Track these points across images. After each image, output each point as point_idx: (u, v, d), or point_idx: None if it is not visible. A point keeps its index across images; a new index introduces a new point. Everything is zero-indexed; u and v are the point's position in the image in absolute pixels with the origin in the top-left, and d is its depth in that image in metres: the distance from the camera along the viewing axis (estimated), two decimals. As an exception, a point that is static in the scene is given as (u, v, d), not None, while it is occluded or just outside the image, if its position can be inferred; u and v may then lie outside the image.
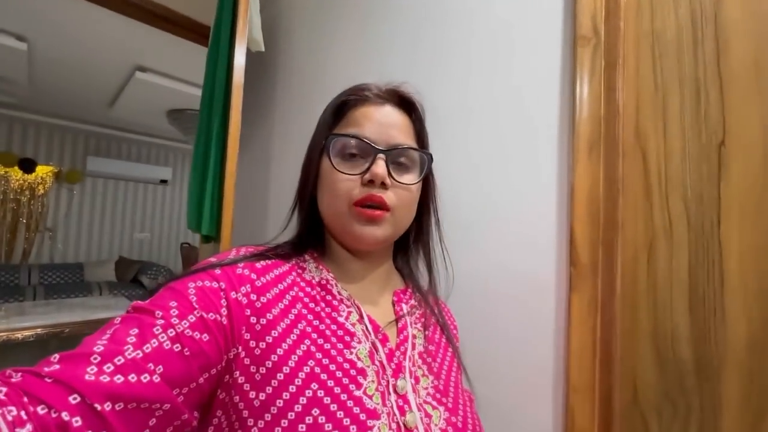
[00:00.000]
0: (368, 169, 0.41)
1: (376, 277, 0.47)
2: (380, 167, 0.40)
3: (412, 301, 0.49)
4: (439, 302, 0.55)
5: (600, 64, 0.56)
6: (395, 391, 0.38)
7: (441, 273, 0.53)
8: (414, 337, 0.45)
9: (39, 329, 2.81)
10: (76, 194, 4.50)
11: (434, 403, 0.40)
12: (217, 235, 0.92)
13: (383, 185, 0.41)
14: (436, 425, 0.38)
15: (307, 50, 1.14)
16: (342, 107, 0.46)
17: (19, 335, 2.73)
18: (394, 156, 0.43)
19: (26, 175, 4.13)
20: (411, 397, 0.38)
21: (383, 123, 0.43)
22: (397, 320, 0.45)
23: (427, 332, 0.47)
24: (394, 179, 0.42)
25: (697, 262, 0.51)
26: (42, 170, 4.21)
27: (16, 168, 4.08)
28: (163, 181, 5.08)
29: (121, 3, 1.47)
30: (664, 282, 0.53)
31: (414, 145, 0.45)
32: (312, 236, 0.48)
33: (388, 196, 0.41)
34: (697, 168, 0.52)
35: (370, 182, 0.41)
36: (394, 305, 0.47)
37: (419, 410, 0.38)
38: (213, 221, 0.92)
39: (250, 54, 1.05)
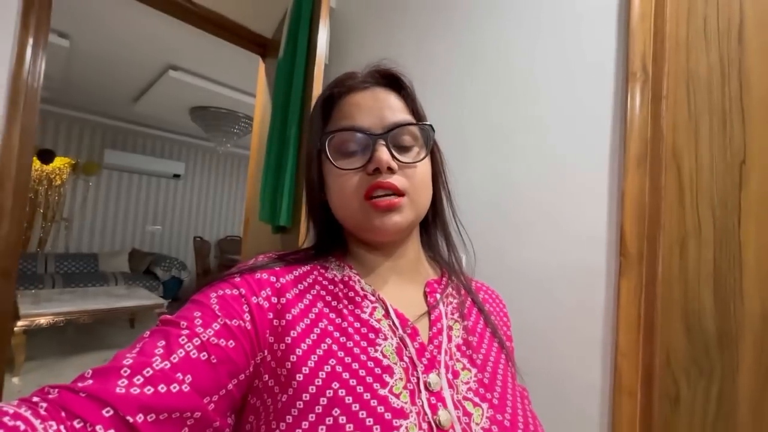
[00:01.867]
0: (371, 158, 0.39)
1: (404, 269, 0.45)
2: (382, 152, 0.38)
3: (449, 290, 0.46)
4: (485, 288, 0.53)
5: (648, 96, 0.70)
6: (427, 388, 0.35)
7: (460, 251, 0.50)
8: (450, 328, 0.41)
9: (62, 316, 2.92)
10: (92, 186, 4.59)
11: (476, 399, 0.36)
12: (293, 226, 1.05)
13: (390, 170, 0.39)
14: (477, 424, 0.34)
15: (364, 63, 1.27)
16: (328, 102, 0.44)
17: (42, 320, 2.84)
18: (394, 137, 0.40)
19: (44, 165, 4.23)
20: (446, 393, 0.36)
21: (374, 107, 0.41)
22: (429, 312, 0.42)
23: (466, 322, 0.44)
24: (399, 161, 0.40)
25: (720, 254, 0.65)
26: (60, 161, 4.30)
27: (34, 158, 4.18)
28: (176, 176, 5.19)
29: (182, 10, 1.59)
30: (694, 270, 0.67)
31: (411, 120, 0.42)
32: (332, 240, 0.46)
33: (398, 180, 0.39)
34: (722, 181, 0.66)
35: (376, 171, 0.39)
36: (426, 297, 0.44)
37: (456, 408, 0.35)
38: (289, 214, 1.05)
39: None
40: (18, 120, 1.13)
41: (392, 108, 0.41)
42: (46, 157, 4.20)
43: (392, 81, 0.44)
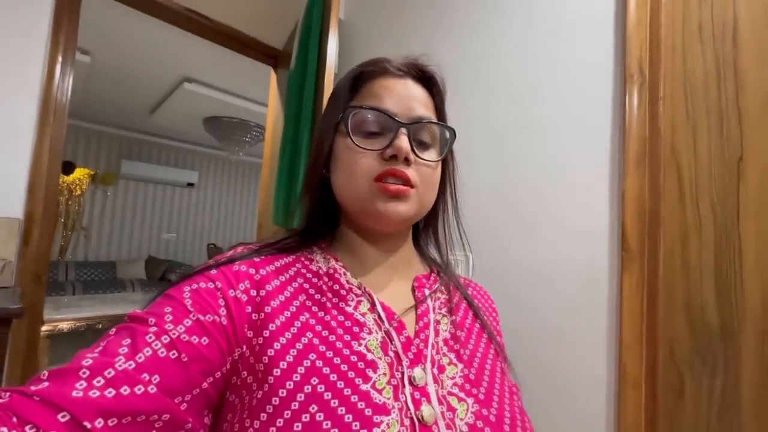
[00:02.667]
0: (391, 143, 0.38)
1: (394, 263, 0.44)
2: (404, 141, 0.38)
3: (437, 285, 0.45)
4: (473, 284, 0.54)
5: (645, 97, 0.73)
6: (411, 383, 0.34)
7: (461, 260, 0.52)
8: (438, 322, 0.41)
9: (83, 321, 3.02)
10: (110, 195, 4.74)
11: (461, 394, 0.36)
12: (306, 229, 1.10)
13: (406, 161, 0.38)
14: (461, 419, 0.34)
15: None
16: (359, 79, 0.43)
17: (64, 325, 2.94)
18: (417, 130, 0.40)
19: (65, 176, 4.39)
20: (431, 388, 0.35)
21: (404, 96, 0.40)
22: (416, 306, 0.41)
23: (454, 317, 0.43)
24: (417, 155, 0.39)
25: (721, 250, 0.67)
26: (80, 172, 4.46)
27: (57, 170, 4.34)
28: (190, 184, 5.32)
29: (198, 26, 1.67)
30: (696, 265, 0.69)
31: (435, 119, 0.42)
32: (321, 224, 0.45)
33: (411, 173, 0.39)
34: (721, 178, 0.68)
35: (393, 157, 0.38)
36: (414, 291, 0.43)
37: (441, 403, 0.34)
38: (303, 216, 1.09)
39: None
40: (48, 133, 1.21)
41: (421, 102, 0.41)
42: (67, 168, 4.35)
43: (427, 78, 0.44)
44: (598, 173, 0.77)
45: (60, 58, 1.23)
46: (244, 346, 0.33)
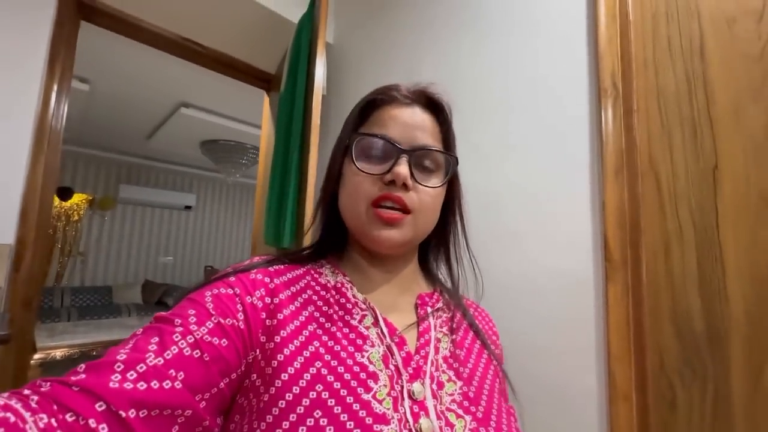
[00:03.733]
0: (390, 169, 0.40)
1: (398, 281, 0.46)
2: (403, 167, 0.40)
3: (439, 305, 0.47)
4: (475, 306, 0.55)
5: (620, 110, 0.75)
6: (410, 397, 0.36)
7: (470, 280, 0.53)
8: (438, 340, 0.43)
9: (76, 348, 2.97)
10: (107, 220, 4.75)
11: (459, 411, 0.37)
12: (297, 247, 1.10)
13: (405, 186, 0.40)
14: None
15: (358, 95, 1.36)
16: (368, 107, 0.46)
17: (57, 353, 2.89)
18: (418, 157, 0.42)
19: (63, 202, 4.41)
20: (430, 403, 0.36)
21: (409, 124, 0.43)
22: (418, 323, 0.43)
23: (454, 336, 0.45)
24: (416, 181, 0.41)
25: (703, 256, 0.68)
26: (78, 197, 4.48)
27: (54, 196, 4.36)
28: (188, 207, 5.34)
29: (193, 53, 1.72)
30: (679, 272, 0.69)
31: (440, 147, 0.44)
32: (332, 240, 0.48)
33: (410, 198, 0.41)
34: (698, 186, 0.70)
35: (392, 183, 0.40)
36: (417, 309, 0.45)
37: (439, 418, 0.35)
38: (293, 236, 1.10)
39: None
40: (42, 160, 1.23)
41: (426, 130, 0.43)
42: (65, 194, 4.38)
43: (434, 106, 0.46)
44: (579, 185, 0.78)
45: (56, 87, 1.26)
46: (258, 350, 0.35)
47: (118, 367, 0.28)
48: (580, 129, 0.79)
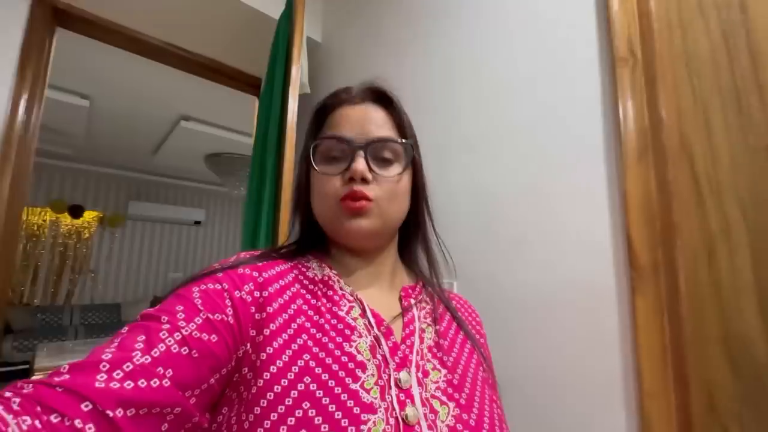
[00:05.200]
0: (348, 166, 0.41)
1: (381, 275, 0.47)
2: (359, 163, 0.41)
3: (422, 296, 0.48)
4: (458, 298, 0.55)
5: (640, 81, 0.60)
6: (397, 385, 0.36)
7: (441, 264, 0.52)
8: (422, 331, 0.44)
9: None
10: (117, 237, 4.76)
11: (443, 398, 0.38)
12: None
13: (364, 180, 0.41)
14: (442, 422, 0.36)
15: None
16: (322, 113, 0.47)
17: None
18: (374, 150, 0.43)
19: (75, 220, 4.45)
20: (415, 391, 0.37)
21: (360, 120, 0.44)
22: (403, 314, 0.44)
23: (438, 326, 0.45)
24: (375, 173, 0.42)
25: (761, 263, 0.52)
26: (88, 215, 4.52)
27: (66, 214, 4.42)
28: (197, 222, 5.33)
29: (178, 59, 1.66)
30: (729, 284, 0.53)
31: (395, 137, 0.45)
32: (313, 241, 0.49)
33: (372, 190, 0.41)
34: (747, 171, 0.54)
35: (351, 179, 0.41)
36: (401, 300, 0.46)
37: (424, 405, 0.36)
38: (268, 244, 0.98)
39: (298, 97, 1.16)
40: (8, 171, 1.15)
41: (377, 123, 0.44)
42: (76, 212, 4.43)
43: (382, 98, 0.47)
44: (593, 174, 0.63)
45: (25, 95, 1.19)
46: (248, 344, 0.35)
47: (104, 366, 0.28)
48: (592, 106, 0.65)
